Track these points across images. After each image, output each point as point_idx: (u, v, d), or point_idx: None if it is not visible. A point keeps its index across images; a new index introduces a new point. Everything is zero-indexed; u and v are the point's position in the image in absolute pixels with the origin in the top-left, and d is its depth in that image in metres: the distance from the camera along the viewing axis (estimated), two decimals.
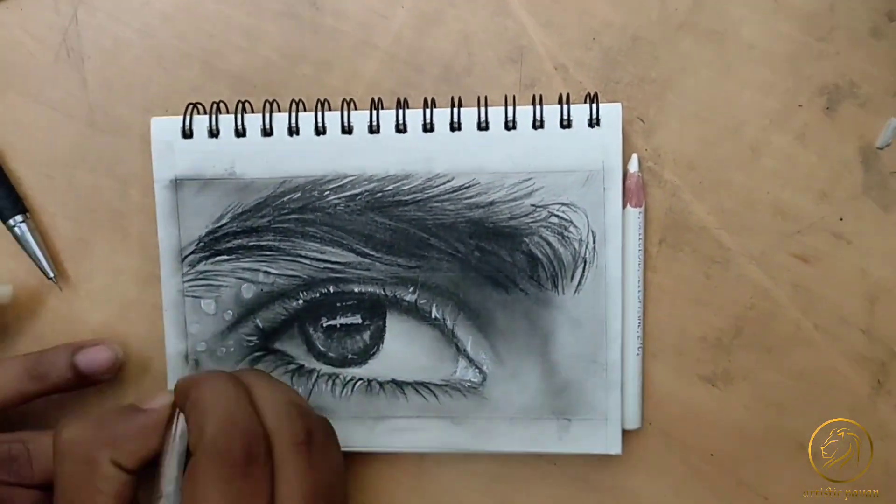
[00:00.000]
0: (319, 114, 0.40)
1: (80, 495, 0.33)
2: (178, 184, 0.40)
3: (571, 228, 0.39)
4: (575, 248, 0.40)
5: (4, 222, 0.41)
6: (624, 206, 0.40)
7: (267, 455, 0.32)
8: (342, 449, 0.37)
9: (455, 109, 0.39)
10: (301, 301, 0.40)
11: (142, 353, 0.42)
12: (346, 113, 0.40)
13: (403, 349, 0.40)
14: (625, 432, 0.40)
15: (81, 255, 0.42)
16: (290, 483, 0.32)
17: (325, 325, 0.40)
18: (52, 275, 0.41)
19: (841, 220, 0.40)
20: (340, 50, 0.41)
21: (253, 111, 0.40)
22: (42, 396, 0.39)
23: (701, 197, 0.40)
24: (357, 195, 0.40)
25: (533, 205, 0.39)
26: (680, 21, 0.40)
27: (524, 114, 0.39)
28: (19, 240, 0.41)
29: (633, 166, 0.40)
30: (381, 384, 0.40)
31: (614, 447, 0.40)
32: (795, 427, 0.41)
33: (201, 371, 0.40)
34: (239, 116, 0.40)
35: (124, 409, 0.35)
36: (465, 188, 0.40)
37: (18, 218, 0.41)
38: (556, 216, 0.39)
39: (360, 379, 0.40)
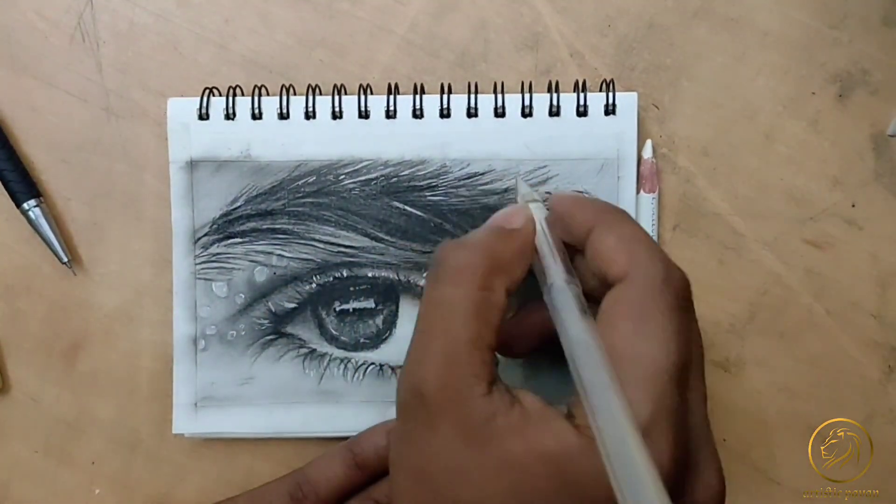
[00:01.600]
0: (336, 98, 0.40)
1: (467, 325, 0.30)
2: (193, 165, 0.40)
3: None
4: None
5: (18, 206, 0.41)
6: (638, 192, 0.40)
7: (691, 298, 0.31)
8: (353, 433, 0.39)
9: (472, 96, 0.40)
10: (314, 285, 0.40)
11: (155, 337, 0.42)
12: (362, 97, 0.40)
13: None
14: None
15: (95, 240, 0.42)
16: (696, 333, 0.31)
17: (337, 309, 0.40)
18: (65, 259, 0.41)
19: (853, 206, 0.40)
20: (356, 35, 0.41)
21: (269, 95, 0.40)
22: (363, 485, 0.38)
23: (715, 183, 0.40)
24: (372, 180, 0.40)
25: (548, 192, 0.40)
26: (695, 8, 0.40)
27: (541, 101, 0.39)
28: (33, 224, 0.41)
29: (648, 152, 0.40)
30: (392, 368, 0.40)
31: None
32: (807, 412, 0.41)
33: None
34: (255, 99, 0.40)
35: (495, 231, 0.33)
36: (481, 174, 0.40)
37: (32, 202, 0.41)
38: None
39: (373, 363, 0.40)
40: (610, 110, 0.39)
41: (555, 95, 0.39)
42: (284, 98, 0.40)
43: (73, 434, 0.42)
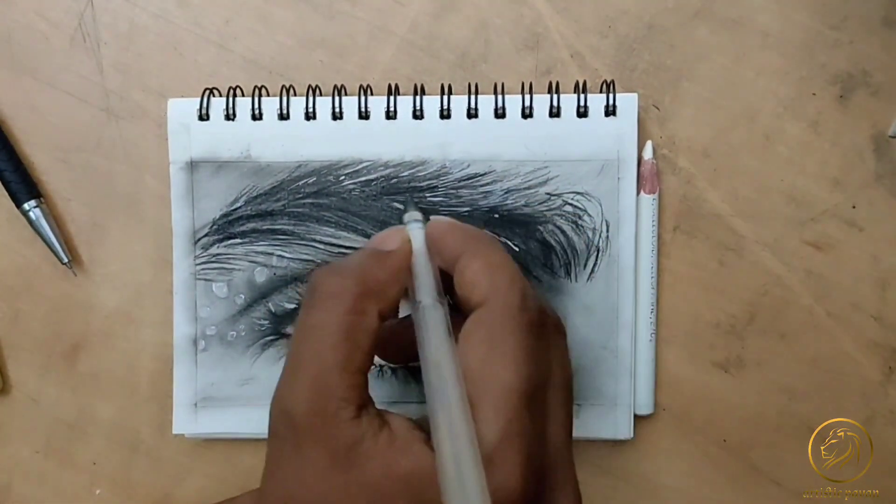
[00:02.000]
0: (336, 99, 0.40)
1: (336, 350, 0.30)
2: (193, 166, 0.40)
3: (585, 217, 0.40)
4: (588, 237, 0.40)
5: (19, 207, 0.41)
6: (638, 193, 0.40)
7: (548, 323, 0.32)
8: None
9: (472, 97, 0.40)
10: None
11: (156, 338, 0.42)
12: (362, 98, 0.40)
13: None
14: (637, 417, 0.41)
15: (96, 240, 0.42)
16: (558, 354, 0.32)
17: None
18: (66, 260, 0.41)
19: (853, 207, 0.40)
20: (356, 36, 0.41)
21: (269, 96, 0.40)
22: None
23: (715, 184, 0.40)
24: (372, 180, 0.40)
25: (548, 193, 0.40)
26: (695, 9, 0.40)
27: (541, 102, 0.39)
28: (34, 224, 0.41)
29: (648, 153, 0.40)
30: (392, 370, 0.40)
31: (625, 432, 0.40)
32: (808, 413, 0.41)
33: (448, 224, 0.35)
34: (256, 100, 0.40)
35: (369, 254, 0.33)
36: (481, 175, 0.40)
37: (33, 203, 0.41)
38: (571, 205, 0.40)
39: (372, 364, 0.40)
40: (610, 111, 0.39)
41: (555, 96, 0.39)
42: (285, 99, 0.40)
43: (74, 434, 0.42)
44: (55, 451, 0.42)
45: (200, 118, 0.40)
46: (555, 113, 0.40)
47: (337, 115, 0.40)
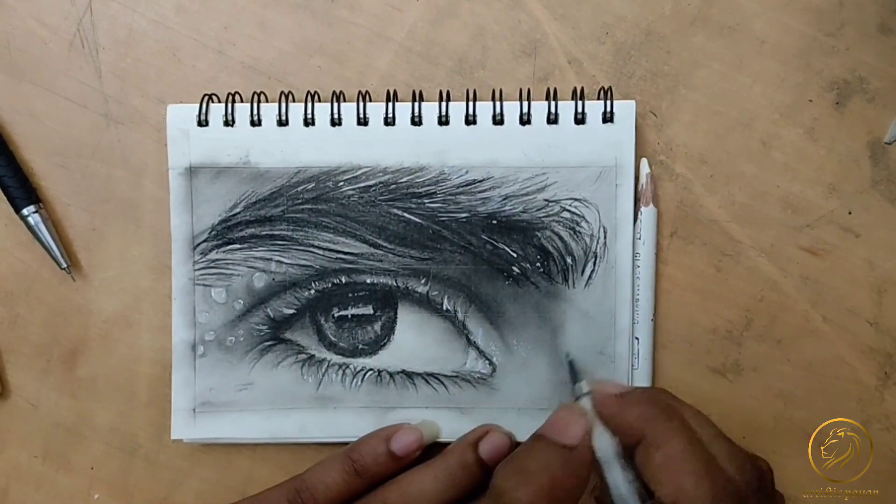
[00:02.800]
0: (335, 105, 0.40)
1: None
2: (192, 172, 0.40)
3: (583, 223, 0.40)
4: (586, 243, 0.40)
5: (18, 212, 0.41)
6: (636, 205, 0.40)
7: None
8: (351, 439, 0.39)
9: (470, 103, 0.40)
10: (313, 291, 0.40)
11: (154, 343, 0.42)
12: (361, 104, 0.40)
13: (414, 340, 0.41)
14: None
15: (94, 246, 0.42)
16: None
17: (336, 315, 0.41)
18: (65, 265, 0.41)
19: (849, 213, 0.40)
20: (355, 42, 0.41)
21: (268, 102, 0.40)
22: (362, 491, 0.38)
23: (712, 190, 0.40)
24: (371, 186, 0.40)
25: (546, 199, 0.40)
26: (693, 16, 0.40)
27: (539, 109, 0.40)
28: (32, 230, 0.41)
29: (644, 169, 0.40)
30: (391, 375, 0.41)
31: None
32: (804, 417, 0.41)
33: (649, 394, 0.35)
34: (255, 106, 0.40)
35: (553, 454, 0.33)
36: (479, 182, 0.40)
37: (32, 208, 0.41)
38: (569, 211, 0.40)
39: (371, 369, 0.41)
40: (608, 118, 0.40)
41: (553, 103, 0.40)
42: (283, 105, 0.40)
43: (72, 439, 0.42)
44: (53, 456, 0.42)
45: (199, 124, 0.40)
46: (553, 119, 0.40)
47: (335, 122, 0.40)
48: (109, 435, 0.42)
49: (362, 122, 0.40)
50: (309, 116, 0.40)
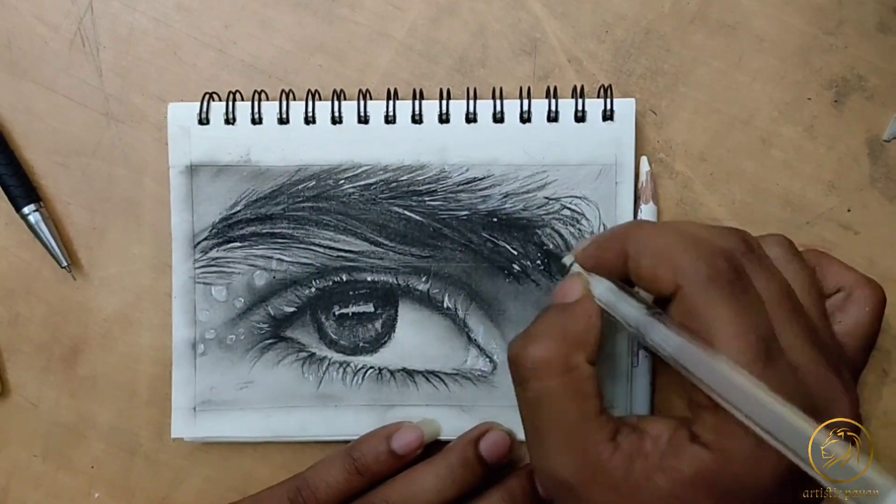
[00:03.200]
0: (336, 103, 0.40)
1: (570, 408, 0.32)
2: (193, 170, 0.40)
3: (583, 221, 0.40)
4: None
5: (18, 211, 0.41)
6: (636, 203, 0.40)
7: (741, 268, 0.31)
8: (351, 437, 0.39)
9: (471, 101, 0.40)
10: (313, 289, 0.40)
11: (155, 342, 0.42)
12: (362, 102, 0.40)
13: (415, 338, 0.41)
14: None
15: (95, 244, 0.42)
16: (764, 286, 0.31)
17: (336, 313, 0.41)
18: (65, 263, 0.41)
19: (848, 211, 0.40)
20: (356, 40, 0.41)
21: (269, 100, 0.40)
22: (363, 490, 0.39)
23: (712, 188, 0.41)
24: (372, 184, 0.40)
25: (546, 197, 0.40)
26: (692, 14, 0.40)
27: (539, 107, 0.40)
28: (33, 228, 0.41)
29: (645, 166, 0.40)
30: (391, 373, 0.41)
31: None
32: None
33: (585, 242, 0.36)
34: (255, 104, 0.40)
35: (558, 311, 0.34)
36: (480, 180, 0.40)
37: (32, 206, 0.41)
38: (569, 209, 0.40)
39: (371, 367, 0.41)
40: (608, 116, 0.40)
41: (553, 101, 0.40)
42: (284, 103, 0.40)
43: (73, 438, 0.42)
44: (53, 455, 0.42)
45: (200, 122, 0.40)
46: (553, 117, 0.40)
47: (336, 120, 0.40)
48: (110, 434, 0.42)
49: (363, 120, 0.40)
50: (310, 115, 0.40)
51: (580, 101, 0.40)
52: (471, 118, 0.40)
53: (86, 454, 0.42)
